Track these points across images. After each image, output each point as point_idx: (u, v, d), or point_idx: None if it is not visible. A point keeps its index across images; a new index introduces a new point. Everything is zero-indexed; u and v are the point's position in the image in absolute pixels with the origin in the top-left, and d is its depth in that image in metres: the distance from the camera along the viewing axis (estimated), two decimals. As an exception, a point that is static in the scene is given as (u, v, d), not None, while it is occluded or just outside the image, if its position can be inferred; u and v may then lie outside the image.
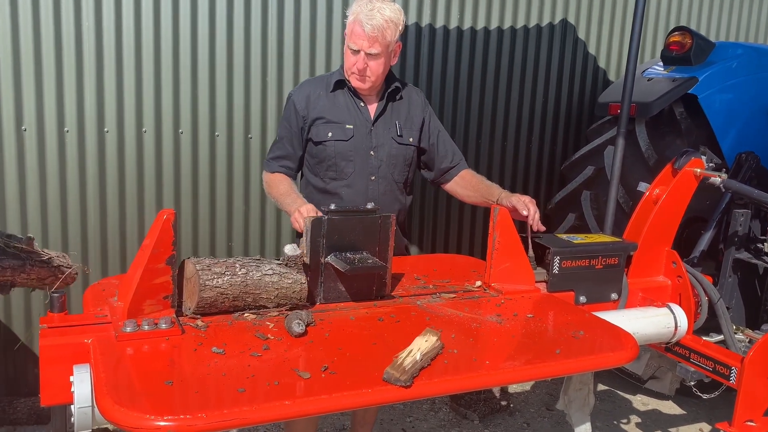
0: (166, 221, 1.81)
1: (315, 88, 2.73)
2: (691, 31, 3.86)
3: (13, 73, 3.40)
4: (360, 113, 2.71)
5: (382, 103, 2.73)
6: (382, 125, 2.72)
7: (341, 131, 2.67)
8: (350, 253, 2.11)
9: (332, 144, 2.67)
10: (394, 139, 2.73)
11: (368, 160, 2.70)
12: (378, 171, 2.71)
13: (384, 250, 2.17)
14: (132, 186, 3.72)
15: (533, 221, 2.46)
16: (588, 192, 4.18)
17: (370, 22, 2.49)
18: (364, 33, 2.50)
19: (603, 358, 1.87)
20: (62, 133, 3.55)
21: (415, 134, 2.79)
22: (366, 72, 2.60)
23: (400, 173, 2.78)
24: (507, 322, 2.03)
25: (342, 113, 2.69)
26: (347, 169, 2.69)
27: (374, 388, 1.52)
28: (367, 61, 2.57)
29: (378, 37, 2.51)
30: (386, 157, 2.72)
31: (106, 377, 1.50)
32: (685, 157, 2.74)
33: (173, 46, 3.68)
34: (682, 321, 2.53)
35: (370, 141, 2.70)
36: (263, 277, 1.89)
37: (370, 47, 2.53)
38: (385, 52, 2.58)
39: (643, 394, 4.30)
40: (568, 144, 4.91)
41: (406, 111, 2.79)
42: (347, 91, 2.72)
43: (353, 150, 2.68)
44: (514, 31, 4.57)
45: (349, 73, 2.64)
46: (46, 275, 2.19)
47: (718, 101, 3.82)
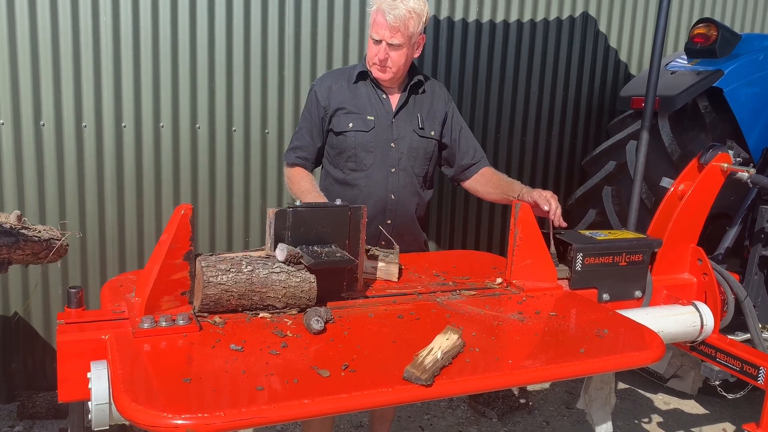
0: (183, 216, 1.79)
1: (337, 80, 2.71)
2: (716, 22, 3.78)
3: (31, 69, 3.41)
4: (381, 105, 2.68)
5: (404, 95, 2.70)
6: (403, 117, 2.69)
7: (362, 122, 2.64)
8: (318, 246, 2.01)
9: (353, 134, 2.64)
10: (415, 132, 2.69)
11: (389, 152, 2.66)
12: (398, 163, 2.68)
13: (355, 244, 2.08)
14: (149, 181, 3.71)
15: (555, 217, 2.41)
16: (609, 188, 4.11)
17: (392, 12, 2.46)
18: (386, 23, 2.48)
19: (628, 358, 1.82)
20: (80, 128, 3.55)
21: (437, 128, 2.75)
22: (387, 62, 2.57)
23: (421, 166, 2.74)
24: (529, 320, 1.99)
25: (363, 104, 2.67)
26: (367, 160, 2.66)
27: (395, 387, 1.49)
28: (388, 51, 2.54)
29: (400, 28, 2.48)
30: (407, 149, 2.68)
31: (123, 374, 1.49)
32: (712, 151, 2.67)
33: (190, 41, 3.67)
34: (708, 319, 2.47)
35: (391, 133, 2.67)
36: (270, 275, 1.82)
37: (391, 37, 2.50)
38: (408, 44, 2.54)
39: (664, 392, 4.23)
40: (588, 139, 4.84)
41: (428, 104, 2.75)
42: (369, 83, 2.69)
43: (374, 141, 2.65)
44: (534, 24, 4.50)
45: (371, 63, 2.62)
46: (39, 249, 2.17)
47: (744, 95, 3.74)
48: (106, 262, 3.70)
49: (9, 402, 3.68)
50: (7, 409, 3.63)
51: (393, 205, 2.70)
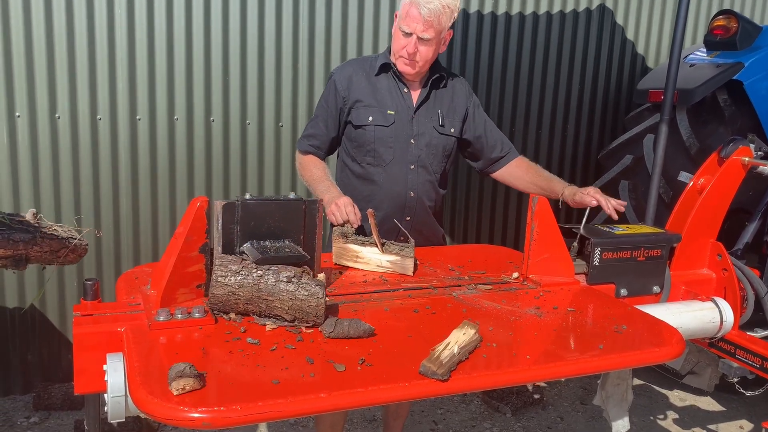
0: (199, 209, 1.78)
1: (358, 70, 2.65)
2: (736, 14, 3.72)
3: (47, 62, 3.42)
4: (403, 99, 2.63)
5: (425, 90, 2.65)
6: (424, 113, 2.65)
7: (382, 116, 2.60)
8: (270, 241, 1.92)
9: (372, 129, 2.60)
10: (435, 129, 2.65)
11: (408, 149, 2.62)
12: (418, 160, 2.64)
13: (311, 239, 1.99)
14: (164, 174, 3.72)
15: (610, 209, 2.43)
16: (626, 182, 4.07)
17: (427, 6, 2.40)
18: (420, 16, 2.42)
19: (648, 354, 1.79)
20: (95, 121, 3.56)
21: (457, 125, 2.71)
22: (416, 57, 2.51)
23: (439, 164, 2.70)
24: (546, 316, 1.96)
25: (384, 98, 2.62)
26: (386, 155, 2.62)
27: (411, 381, 1.47)
28: (418, 45, 2.48)
29: (433, 22, 2.43)
30: (426, 146, 2.64)
31: (139, 366, 1.48)
32: (733, 145, 2.63)
33: (204, 33, 3.66)
34: (728, 315, 2.43)
35: (411, 129, 2.62)
36: (278, 284, 1.71)
37: (423, 31, 2.45)
38: (437, 38, 2.50)
39: (680, 389, 4.19)
40: (604, 132, 4.80)
41: (449, 100, 2.70)
42: (391, 76, 2.64)
43: (393, 137, 2.61)
44: (550, 17, 4.46)
45: (397, 56, 2.56)
46: (57, 247, 2.15)
47: (764, 88, 3.68)
48: (120, 255, 3.72)
49: (25, 393, 3.71)
50: (23, 400, 3.66)
51: (412, 203, 2.67)
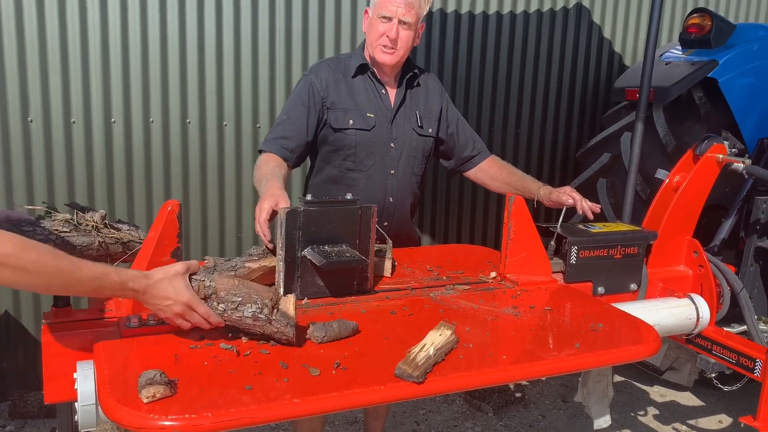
0: (170, 213, 1.76)
1: (334, 71, 2.56)
2: (710, 12, 3.75)
3: (18, 64, 3.36)
4: (381, 101, 2.57)
5: (402, 91, 2.60)
6: (402, 115, 2.59)
7: (362, 119, 2.52)
8: (329, 246, 1.96)
9: (353, 133, 2.51)
10: (414, 130, 2.61)
11: (388, 153, 2.57)
12: (398, 164, 2.59)
13: (365, 243, 2.03)
14: (140, 177, 3.67)
15: (585, 209, 2.41)
16: (604, 180, 4.09)
17: None
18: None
19: (624, 352, 1.79)
20: (68, 124, 3.51)
21: (434, 124, 2.68)
22: (397, 43, 2.44)
23: (419, 165, 2.66)
24: (524, 315, 1.96)
25: (362, 100, 2.54)
26: (367, 161, 2.55)
27: (386, 384, 1.46)
28: (399, 30, 2.42)
29: (414, 5, 2.39)
30: (407, 149, 2.59)
31: (109, 374, 1.45)
32: (707, 142, 2.65)
33: (180, 34, 3.62)
34: (704, 312, 2.45)
35: (391, 132, 2.57)
36: (243, 319, 1.59)
37: (406, 14, 2.39)
38: (415, 26, 2.46)
39: (660, 385, 4.22)
40: (583, 131, 4.82)
41: (424, 99, 2.66)
42: (368, 77, 2.58)
43: (374, 141, 2.54)
44: (527, 16, 4.47)
45: (376, 44, 2.47)
46: (115, 251, 2.06)
47: (739, 85, 3.71)
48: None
49: (0, 401, 3.64)
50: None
51: (391, 208, 2.63)
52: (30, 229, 1.87)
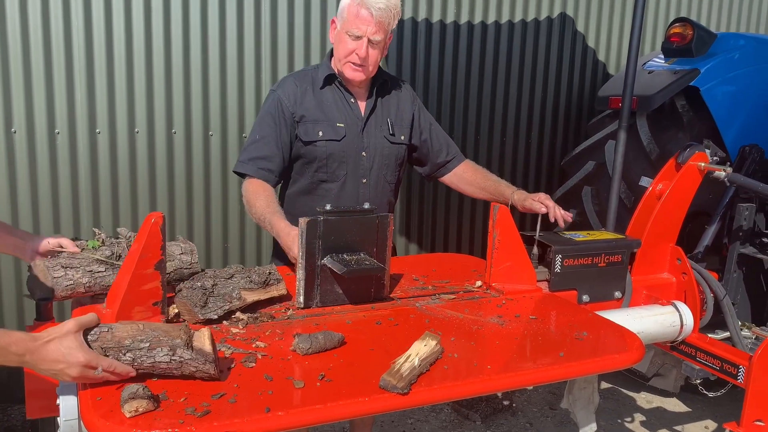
0: (154, 225, 1.75)
1: (301, 83, 2.52)
2: (692, 22, 3.80)
3: (1, 75, 3.34)
4: (351, 110, 2.54)
5: (372, 100, 2.58)
6: (373, 123, 2.57)
7: (332, 130, 2.49)
8: (347, 254, 2.03)
9: (323, 144, 2.48)
10: (386, 138, 2.58)
11: (360, 162, 2.54)
12: (370, 173, 2.56)
13: (382, 251, 2.10)
14: (125, 188, 3.66)
15: (557, 217, 2.42)
16: (589, 187, 4.12)
17: (378, 6, 2.32)
18: (372, 17, 2.33)
19: (608, 361, 1.81)
20: (53, 135, 3.49)
21: (406, 131, 2.66)
22: (367, 60, 2.41)
23: (392, 174, 2.64)
24: (509, 324, 1.97)
25: (332, 111, 2.51)
26: (339, 171, 2.52)
27: (371, 396, 1.46)
28: (368, 48, 2.39)
29: (383, 24, 2.36)
30: (378, 157, 2.57)
31: (91, 389, 1.44)
32: (689, 150, 2.67)
33: (165, 44, 3.62)
34: (688, 319, 2.47)
35: (362, 141, 2.54)
36: (157, 364, 1.47)
37: (375, 33, 2.36)
38: (384, 41, 2.43)
39: (647, 391, 4.24)
40: (568, 139, 4.85)
41: (395, 107, 2.64)
42: (336, 87, 2.54)
43: (345, 151, 2.51)
44: (512, 25, 4.50)
45: (345, 61, 2.44)
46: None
47: (720, 93, 3.76)
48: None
49: (-17, 415, 3.60)
50: (-18, 423, 3.55)
51: None
52: (61, 274, 1.86)
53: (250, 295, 1.92)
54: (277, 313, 1.96)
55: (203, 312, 1.81)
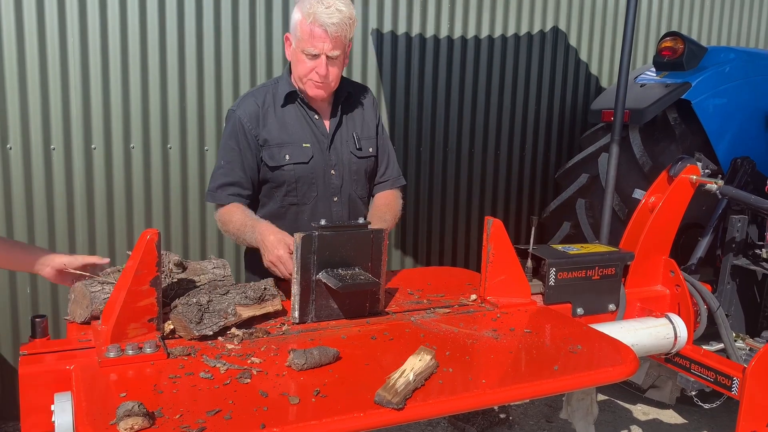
0: (149, 242, 1.75)
1: (262, 103, 2.41)
2: (682, 36, 3.84)
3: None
4: (316, 128, 2.44)
5: (337, 116, 2.48)
6: (339, 140, 2.48)
7: (299, 152, 2.40)
8: (342, 269, 2.04)
9: (291, 168, 2.39)
10: (353, 154, 2.49)
11: (329, 180, 2.46)
12: (341, 191, 2.49)
13: (377, 266, 2.11)
14: (120, 203, 3.66)
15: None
16: (583, 200, 4.14)
17: (331, 21, 2.20)
18: (327, 35, 2.22)
19: (602, 374, 1.81)
20: (48, 151, 3.50)
21: (372, 142, 2.56)
22: (328, 78, 2.32)
23: (363, 188, 2.57)
24: (503, 338, 1.97)
25: (296, 131, 2.41)
26: (310, 193, 2.44)
27: (366, 411, 1.47)
28: (328, 65, 2.29)
29: (340, 38, 2.26)
30: (347, 173, 2.49)
31: (87, 406, 1.44)
32: (681, 163, 2.69)
33: (160, 60, 3.64)
34: (682, 331, 2.48)
35: (329, 159, 2.45)
36: None
37: (332, 50, 2.26)
38: (344, 54, 2.33)
39: (643, 403, 4.24)
40: (561, 152, 4.89)
41: (360, 118, 2.55)
42: (299, 105, 2.44)
43: (314, 172, 2.42)
44: (505, 39, 4.54)
45: (305, 80, 2.34)
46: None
47: (712, 106, 3.80)
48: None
49: (-22, 433, 3.58)
50: (-24, 441, 3.53)
51: None
52: (98, 289, 1.92)
53: (245, 310, 1.93)
54: (272, 328, 1.96)
55: (198, 328, 1.81)
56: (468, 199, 4.63)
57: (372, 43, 4.14)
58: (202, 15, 3.69)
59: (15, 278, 3.50)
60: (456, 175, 4.55)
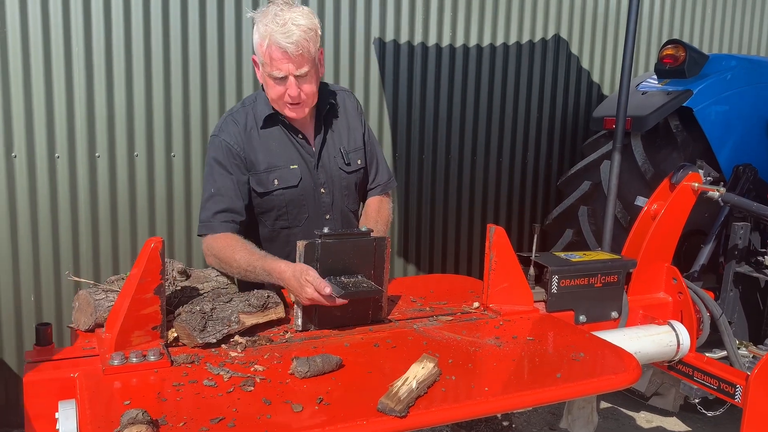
0: (153, 250, 1.76)
1: (244, 126, 2.29)
2: (684, 43, 3.85)
3: (2, 100, 3.38)
4: (301, 148, 2.35)
5: (321, 133, 2.37)
6: (326, 156, 2.38)
7: (288, 175, 2.31)
8: (345, 277, 2.04)
9: (280, 193, 2.31)
10: (342, 170, 2.41)
11: (319, 199, 2.38)
12: (332, 208, 2.41)
13: (379, 274, 2.11)
14: (124, 211, 3.68)
15: None
16: (585, 207, 4.15)
17: (288, 40, 2.08)
18: (288, 56, 2.10)
19: (605, 381, 1.82)
20: (53, 159, 3.51)
21: (360, 153, 2.48)
22: (301, 97, 2.20)
23: (354, 201, 2.51)
24: (506, 346, 1.98)
25: (282, 153, 2.31)
26: (301, 215, 2.36)
27: (369, 419, 1.47)
28: (299, 85, 2.17)
29: (304, 54, 2.11)
30: (337, 190, 2.41)
31: (91, 413, 1.45)
32: (683, 171, 2.70)
33: (164, 68, 3.66)
34: (685, 338, 2.48)
35: (318, 178, 2.37)
36: None
37: (298, 69, 2.13)
38: (313, 66, 2.19)
39: (646, 410, 4.23)
40: (563, 159, 4.89)
41: (345, 128, 2.45)
42: (281, 127, 2.33)
43: (304, 194, 2.34)
44: (507, 48, 4.56)
45: (281, 103, 2.23)
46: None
47: (713, 113, 3.81)
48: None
49: (-19, 440, 3.59)
50: (-21, 448, 3.54)
51: None
52: (102, 297, 1.93)
53: (248, 318, 1.94)
54: (275, 336, 1.97)
55: (202, 336, 1.82)
56: (470, 207, 4.64)
57: (374, 52, 4.16)
58: (206, 24, 3.72)
59: (19, 286, 3.52)
60: (458, 182, 4.56)
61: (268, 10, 2.14)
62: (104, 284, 2.00)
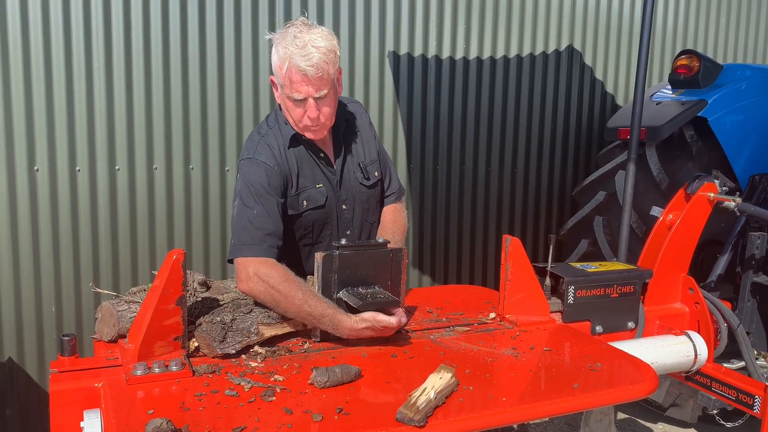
0: (175, 261, 1.80)
1: (278, 149, 2.26)
2: (698, 54, 3.86)
3: (25, 114, 3.44)
4: (325, 166, 2.35)
5: (341, 151, 2.38)
6: (347, 174, 2.39)
7: (316, 195, 2.31)
8: (362, 287, 2.07)
9: (309, 213, 2.31)
10: (363, 185, 2.42)
11: (342, 216, 2.39)
12: (352, 222, 2.42)
13: (396, 284, 2.15)
14: (143, 224, 3.73)
15: None
16: (600, 217, 4.15)
17: (308, 63, 2.06)
18: (307, 78, 2.09)
19: (622, 392, 1.83)
20: (74, 173, 3.58)
21: (376, 165, 2.48)
22: (320, 119, 2.19)
23: (374, 214, 2.51)
24: (523, 356, 1.99)
25: (308, 172, 2.31)
26: (324, 232, 2.37)
27: (388, 429, 1.49)
28: (319, 106, 2.16)
29: (323, 77, 2.10)
30: (358, 205, 2.42)
31: (116, 422, 1.49)
32: (698, 181, 2.71)
33: (182, 81, 3.72)
34: (702, 349, 2.48)
35: (340, 195, 2.37)
36: None
37: (318, 91, 2.12)
38: (333, 88, 2.18)
39: (664, 422, 4.20)
40: (578, 169, 4.90)
41: (361, 143, 2.45)
42: (304, 147, 2.32)
43: (328, 212, 2.35)
44: (521, 59, 4.58)
45: (301, 125, 2.22)
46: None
47: (728, 123, 3.80)
48: (100, 306, 3.69)
49: (3, 450, 3.64)
50: (1, 458, 3.58)
51: None
52: (125, 308, 1.98)
53: (268, 329, 1.96)
54: (294, 346, 2.00)
55: (222, 346, 1.85)
56: (485, 218, 4.65)
57: (389, 65, 4.20)
58: (223, 38, 3.77)
59: (41, 296, 3.57)
60: (473, 193, 4.57)
61: (287, 31, 2.13)
62: (126, 295, 2.04)
